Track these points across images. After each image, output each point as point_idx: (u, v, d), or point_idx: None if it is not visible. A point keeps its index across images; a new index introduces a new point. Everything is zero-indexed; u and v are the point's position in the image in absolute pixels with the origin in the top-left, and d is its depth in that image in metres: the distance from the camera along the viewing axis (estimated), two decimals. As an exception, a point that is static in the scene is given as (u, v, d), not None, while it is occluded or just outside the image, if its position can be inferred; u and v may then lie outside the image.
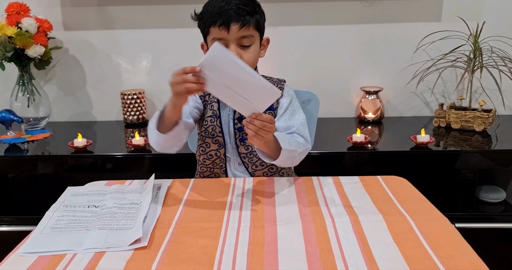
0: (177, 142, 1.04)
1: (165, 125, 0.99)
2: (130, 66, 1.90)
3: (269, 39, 1.18)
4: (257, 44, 1.11)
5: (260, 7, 1.12)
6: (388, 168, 1.46)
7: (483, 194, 1.58)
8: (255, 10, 1.08)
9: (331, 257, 0.72)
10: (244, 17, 1.05)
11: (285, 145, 1.00)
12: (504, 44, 1.70)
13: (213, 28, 1.07)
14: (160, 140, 1.01)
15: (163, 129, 0.99)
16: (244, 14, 1.05)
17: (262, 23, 1.12)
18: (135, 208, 0.92)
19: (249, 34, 1.07)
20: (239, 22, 1.04)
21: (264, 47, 1.18)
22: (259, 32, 1.11)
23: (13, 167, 1.50)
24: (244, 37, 1.07)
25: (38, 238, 0.81)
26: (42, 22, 1.69)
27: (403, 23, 1.81)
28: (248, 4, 1.07)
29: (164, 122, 0.99)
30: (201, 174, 1.22)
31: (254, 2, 1.10)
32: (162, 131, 0.99)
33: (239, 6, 1.05)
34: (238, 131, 1.16)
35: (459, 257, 0.71)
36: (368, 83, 1.87)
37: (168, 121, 0.99)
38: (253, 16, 1.07)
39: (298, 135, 1.13)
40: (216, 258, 0.73)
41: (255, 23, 1.08)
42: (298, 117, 1.17)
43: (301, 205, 0.94)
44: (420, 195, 0.99)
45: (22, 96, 1.74)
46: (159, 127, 1.00)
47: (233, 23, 1.04)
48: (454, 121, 1.65)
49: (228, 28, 1.04)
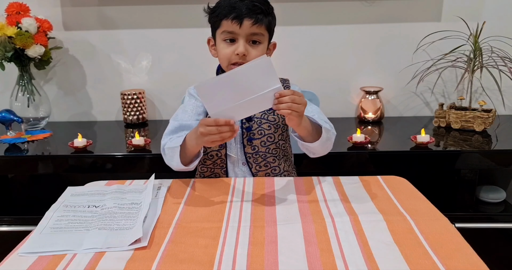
0: (195, 164, 1.10)
1: (186, 156, 1.06)
2: (130, 66, 1.90)
3: (276, 44, 1.19)
4: (265, 44, 1.12)
5: (273, 10, 1.13)
6: (388, 168, 1.46)
7: (483, 194, 1.58)
8: (269, 11, 1.10)
9: (331, 257, 0.72)
10: (258, 15, 1.06)
11: (323, 123, 1.06)
12: (504, 44, 1.70)
13: (225, 21, 1.07)
14: (183, 168, 1.08)
15: (185, 160, 1.06)
16: (258, 11, 1.06)
17: (273, 26, 1.13)
18: (135, 208, 0.92)
19: (259, 32, 1.08)
20: (252, 18, 1.05)
21: (269, 51, 1.18)
22: (269, 34, 1.12)
23: (13, 167, 1.50)
24: (254, 34, 1.08)
25: (38, 238, 0.81)
26: (42, 22, 1.69)
27: (403, 23, 1.81)
28: (263, 3, 1.09)
29: (185, 153, 1.05)
30: (201, 174, 1.22)
31: (269, 4, 1.11)
32: (184, 162, 1.06)
33: (255, 4, 1.06)
34: (246, 131, 1.15)
35: (459, 257, 0.71)
36: (368, 83, 1.86)
37: (190, 153, 1.05)
38: (266, 16, 1.09)
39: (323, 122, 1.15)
40: (216, 258, 0.73)
41: (267, 23, 1.09)
42: (313, 107, 1.17)
43: (301, 205, 0.94)
44: (420, 195, 0.99)
45: (22, 96, 1.74)
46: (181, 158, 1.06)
47: (246, 18, 1.05)
48: (454, 121, 1.65)
49: (241, 22, 1.05)
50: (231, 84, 0.86)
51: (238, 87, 0.86)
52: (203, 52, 1.20)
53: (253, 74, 0.86)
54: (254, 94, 0.87)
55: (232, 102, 0.87)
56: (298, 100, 0.91)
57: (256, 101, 0.88)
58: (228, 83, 0.86)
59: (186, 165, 1.07)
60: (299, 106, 0.92)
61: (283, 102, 0.90)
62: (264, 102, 0.89)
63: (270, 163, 1.17)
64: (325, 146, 1.10)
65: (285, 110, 0.90)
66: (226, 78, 0.87)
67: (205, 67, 1.77)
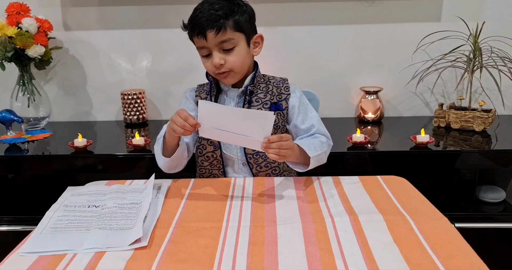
0: (182, 161, 1.14)
1: (166, 149, 1.09)
2: (130, 66, 1.90)
3: (262, 35, 1.16)
4: (242, 45, 1.09)
5: (240, 6, 1.09)
6: (388, 168, 1.45)
7: (482, 194, 1.58)
8: (232, 11, 1.06)
9: (331, 257, 0.72)
10: (218, 22, 1.04)
11: (311, 153, 1.05)
12: (504, 44, 1.70)
13: (195, 38, 1.09)
14: (165, 162, 1.11)
15: (166, 153, 1.10)
16: (217, 19, 1.04)
17: (243, 23, 1.08)
18: (135, 208, 0.92)
19: (227, 38, 1.06)
20: (213, 28, 1.04)
21: (258, 44, 1.15)
22: (242, 33, 1.09)
23: (13, 167, 1.50)
24: (223, 41, 1.06)
25: (38, 238, 0.81)
26: (42, 22, 1.69)
27: (403, 23, 1.81)
28: (221, 7, 1.05)
29: (166, 147, 1.10)
30: (200, 176, 1.22)
31: (232, 3, 1.08)
32: (166, 155, 1.09)
33: (211, 12, 1.05)
34: None
35: (459, 257, 0.71)
36: (368, 83, 1.87)
37: (169, 145, 1.08)
38: (228, 18, 1.05)
39: (319, 135, 1.15)
40: (216, 258, 0.73)
41: (233, 25, 1.06)
42: (312, 114, 1.18)
43: (301, 205, 0.94)
44: (420, 195, 0.99)
45: (22, 96, 1.74)
46: (163, 151, 1.10)
47: (208, 30, 1.05)
48: (453, 121, 1.65)
49: (204, 36, 1.06)
50: (230, 116, 0.93)
51: (235, 122, 0.93)
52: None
53: (253, 120, 0.93)
54: (244, 134, 0.93)
55: (222, 128, 0.95)
56: (285, 145, 0.95)
57: (245, 139, 0.95)
58: (229, 114, 0.94)
59: (169, 157, 1.09)
60: (287, 151, 0.96)
61: (271, 147, 0.94)
62: (252, 143, 0.95)
63: (270, 164, 1.17)
64: (317, 164, 1.11)
65: (274, 155, 0.95)
66: (229, 109, 0.97)
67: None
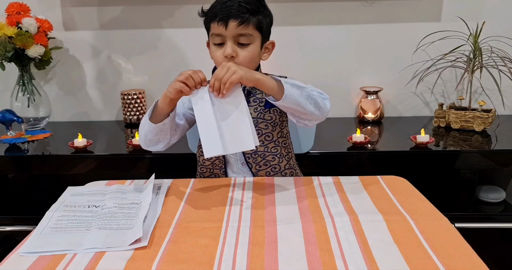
0: (164, 138, 1.08)
1: (156, 116, 1.05)
2: (130, 66, 1.90)
3: (274, 42, 1.17)
4: (257, 44, 1.10)
5: (266, 8, 1.10)
6: (388, 168, 1.45)
7: (482, 194, 1.58)
8: (259, 10, 1.07)
9: (331, 257, 0.72)
10: (244, 15, 1.04)
11: (285, 81, 1.01)
12: (504, 44, 1.70)
13: (213, 24, 1.07)
14: (149, 131, 1.06)
15: (155, 120, 1.05)
16: (244, 11, 1.04)
17: (264, 24, 1.09)
18: (135, 208, 0.92)
19: (247, 32, 1.06)
20: (238, 19, 1.04)
21: (268, 50, 1.16)
22: (260, 33, 1.09)
23: (13, 167, 1.50)
24: (241, 35, 1.06)
25: (38, 238, 0.81)
26: (42, 22, 1.69)
27: (403, 23, 1.81)
28: (251, 3, 1.06)
29: (156, 114, 1.05)
30: (201, 175, 1.22)
31: (260, 3, 1.09)
32: (154, 122, 1.04)
33: (241, 4, 1.04)
34: None
35: (459, 257, 0.71)
36: (368, 83, 1.87)
37: (161, 111, 1.03)
38: (254, 15, 1.06)
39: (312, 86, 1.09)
40: (216, 258, 0.73)
41: (255, 23, 1.06)
42: (308, 85, 1.10)
43: (301, 205, 0.94)
44: (420, 195, 0.99)
45: (22, 96, 1.74)
46: (151, 118, 1.05)
47: (231, 19, 1.04)
48: (454, 121, 1.65)
49: (226, 24, 1.04)
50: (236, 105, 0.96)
51: (230, 112, 0.95)
52: (203, 52, 1.20)
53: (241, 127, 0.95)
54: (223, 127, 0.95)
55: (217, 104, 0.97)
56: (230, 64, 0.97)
57: (212, 133, 0.94)
58: (237, 102, 0.96)
59: (156, 123, 1.04)
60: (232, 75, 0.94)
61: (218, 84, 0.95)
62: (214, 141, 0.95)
63: (269, 162, 1.17)
64: (308, 102, 1.02)
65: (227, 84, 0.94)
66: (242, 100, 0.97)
67: (205, 67, 1.76)
